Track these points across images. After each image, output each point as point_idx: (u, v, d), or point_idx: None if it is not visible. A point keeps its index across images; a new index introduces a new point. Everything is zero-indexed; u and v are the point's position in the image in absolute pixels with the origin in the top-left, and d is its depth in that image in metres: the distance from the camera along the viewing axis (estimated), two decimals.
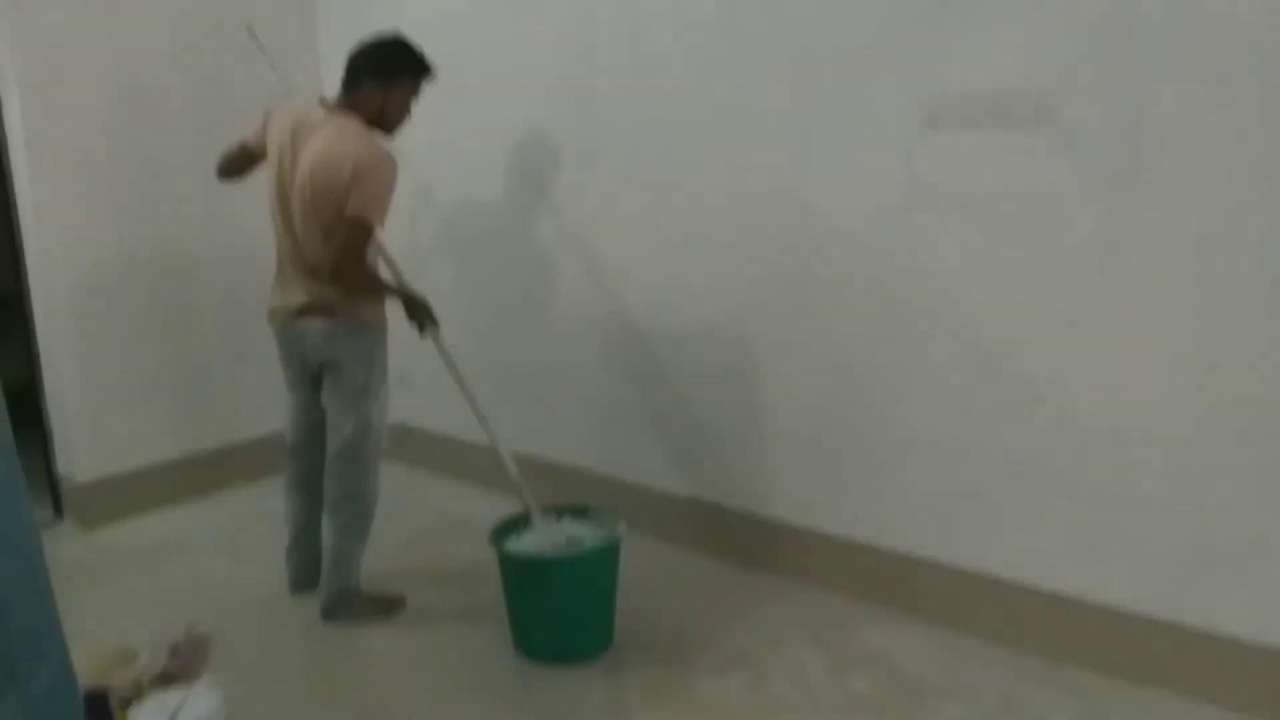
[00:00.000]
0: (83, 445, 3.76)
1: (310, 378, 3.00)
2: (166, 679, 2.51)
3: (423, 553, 3.52)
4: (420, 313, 2.96)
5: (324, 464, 3.01)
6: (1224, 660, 2.38)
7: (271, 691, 2.64)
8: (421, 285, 3.11)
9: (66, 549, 3.59)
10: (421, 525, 3.77)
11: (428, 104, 3.05)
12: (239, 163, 3.03)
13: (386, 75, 2.83)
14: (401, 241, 4.16)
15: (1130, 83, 2.31)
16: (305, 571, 3.15)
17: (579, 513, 2.94)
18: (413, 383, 4.14)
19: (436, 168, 3.98)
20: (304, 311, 2.86)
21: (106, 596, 3.19)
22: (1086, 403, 2.50)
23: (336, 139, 2.72)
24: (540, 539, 2.85)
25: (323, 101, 2.89)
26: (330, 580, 2.99)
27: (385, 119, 2.87)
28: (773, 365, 3.10)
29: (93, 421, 3.76)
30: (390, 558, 3.43)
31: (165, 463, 3.97)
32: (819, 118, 2.84)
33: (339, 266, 2.71)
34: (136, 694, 2.27)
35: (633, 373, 3.48)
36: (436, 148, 3.94)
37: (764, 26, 2.91)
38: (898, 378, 2.83)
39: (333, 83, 2.97)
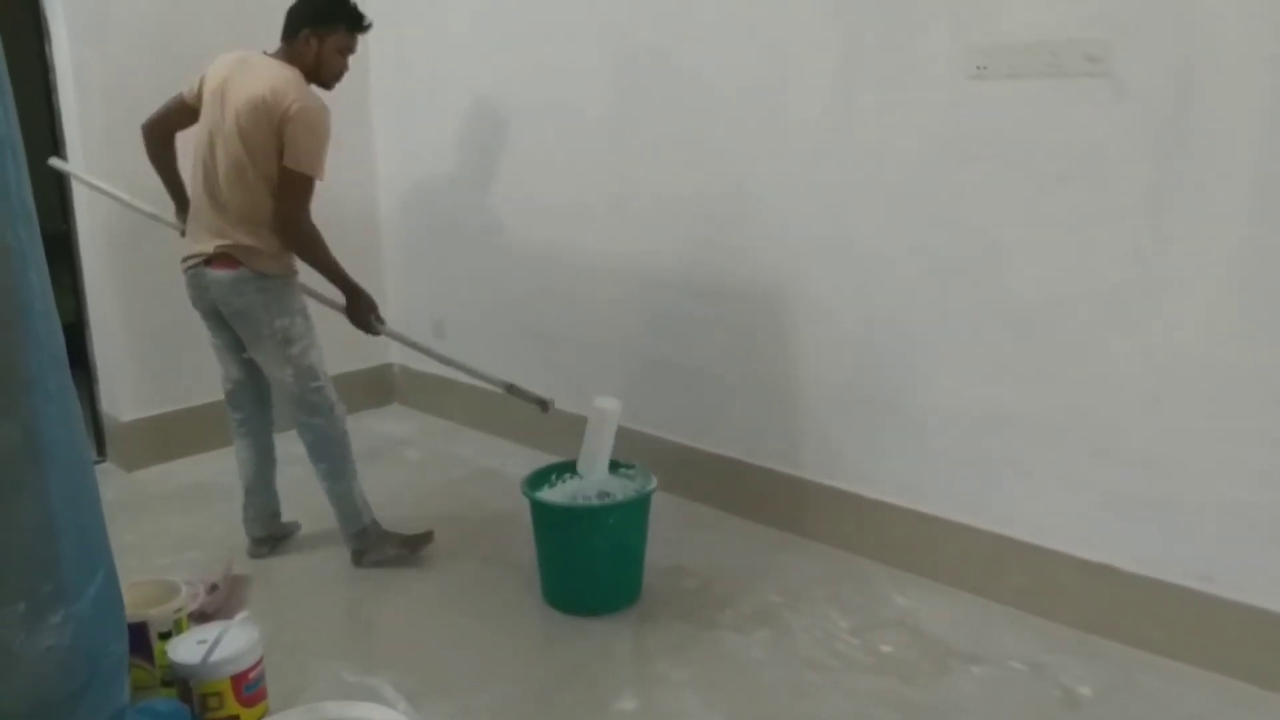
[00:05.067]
0: (126, 386, 3.83)
1: (226, 326, 2.94)
2: (204, 616, 2.58)
3: (454, 503, 3.56)
4: (365, 308, 2.97)
5: (267, 414, 3.06)
6: (1255, 634, 2.36)
7: (305, 632, 2.69)
8: (452, 240, 3.10)
9: (108, 489, 3.64)
10: (453, 476, 3.81)
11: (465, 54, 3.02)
12: (171, 117, 2.97)
13: (322, 22, 2.85)
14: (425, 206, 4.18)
15: (1183, 32, 2.26)
16: (261, 529, 3.11)
17: (610, 466, 2.95)
18: (446, 331, 4.18)
19: (477, 120, 3.98)
20: (210, 260, 2.82)
21: (146, 536, 3.26)
22: (1126, 366, 2.46)
23: (266, 80, 2.74)
24: (571, 490, 2.87)
25: (264, 53, 2.90)
26: (344, 525, 3.02)
27: (321, 70, 2.89)
28: (806, 323, 3.08)
29: (136, 363, 3.82)
30: (422, 507, 3.47)
31: (205, 406, 4.02)
32: (864, 69, 2.80)
33: (287, 219, 2.74)
34: (175, 627, 2.33)
35: (664, 329, 3.48)
36: (478, 97, 3.94)
37: None
38: (933, 337, 2.80)
39: None
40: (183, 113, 2.95)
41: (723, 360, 3.33)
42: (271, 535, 3.11)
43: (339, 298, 3.00)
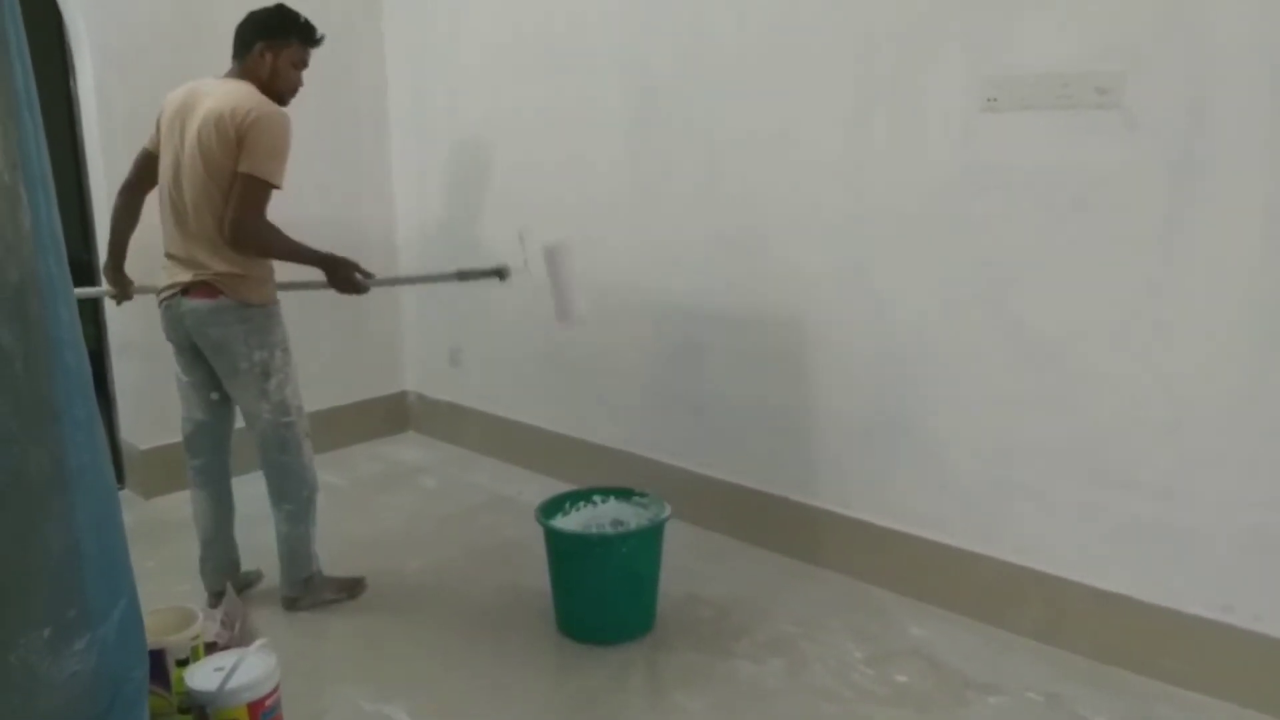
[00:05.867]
0: (145, 414, 3.87)
1: (199, 362, 2.88)
2: (218, 645, 2.58)
3: (469, 530, 3.57)
4: (345, 271, 2.86)
5: (226, 460, 2.96)
6: (1276, 665, 2.34)
7: (321, 659, 2.71)
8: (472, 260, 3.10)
9: (126, 516, 3.64)
10: (468, 503, 3.82)
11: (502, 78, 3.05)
12: (146, 177, 2.90)
13: (275, 36, 2.81)
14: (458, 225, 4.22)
15: (1193, 64, 2.29)
16: (220, 582, 2.96)
17: (624, 495, 2.96)
18: (463, 359, 4.20)
19: (494, 153, 4.03)
20: (188, 290, 2.75)
21: (164, 562, 3.26)
22: (1142, 395, 2.47)
23: (224, 98, 2.69)
24: (585, 518, 2.88)
25: (213, 77, 2.85)
26: (290, 570, 2.94)
27: (276, 84, 2.82)
28: (821, 353, 3.09)
29: (156, 391, 3.83)
30: (437, 534, 3.48)
31: None
32: (877, 100, 2.83)
33: (237, 224, 2.64)
34: (192, 654, 2.33)
35: (681, 358, 3.50)
36: (496, 130, 3.99)
37: (826, 6, 2.90)
38: (947, 366, 2.81)
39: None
40: (152, 167, 2.88)
41: (738, 390, 3.35)
42: (232, 587, 2.93)
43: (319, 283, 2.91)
